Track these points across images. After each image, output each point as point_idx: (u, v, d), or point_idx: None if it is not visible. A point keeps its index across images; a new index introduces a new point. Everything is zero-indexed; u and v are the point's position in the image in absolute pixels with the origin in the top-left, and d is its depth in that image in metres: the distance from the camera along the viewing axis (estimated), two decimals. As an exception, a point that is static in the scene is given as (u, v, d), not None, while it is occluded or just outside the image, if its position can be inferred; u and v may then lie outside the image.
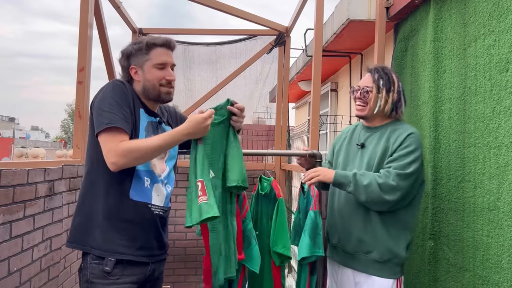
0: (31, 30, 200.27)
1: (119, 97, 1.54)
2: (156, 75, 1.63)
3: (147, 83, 1.64)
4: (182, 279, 3.80)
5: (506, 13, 1.58)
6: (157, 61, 1.63)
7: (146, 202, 1.60)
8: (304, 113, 10.08)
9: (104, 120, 1.50)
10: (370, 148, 1.87)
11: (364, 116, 1.91)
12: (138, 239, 1.59)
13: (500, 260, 1.57)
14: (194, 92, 4.40)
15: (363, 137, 1.93)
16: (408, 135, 1.78)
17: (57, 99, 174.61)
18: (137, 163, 1.54)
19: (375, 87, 1.86)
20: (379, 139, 1.87)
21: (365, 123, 1.97)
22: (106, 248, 1.54)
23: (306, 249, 1.77)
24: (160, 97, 1.66)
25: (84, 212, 1.60)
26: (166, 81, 1.64)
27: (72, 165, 2.34)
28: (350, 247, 1.86)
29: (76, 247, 1.60)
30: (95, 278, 1.54)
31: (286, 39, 3.99)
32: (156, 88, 1.64)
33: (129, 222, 1.58)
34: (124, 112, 1.54)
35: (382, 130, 1.89)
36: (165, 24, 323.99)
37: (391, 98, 1.85)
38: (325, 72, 7.12)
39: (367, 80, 1.90)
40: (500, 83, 1.60)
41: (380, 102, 1.84)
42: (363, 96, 1.88)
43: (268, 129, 6.52)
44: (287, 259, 1.96)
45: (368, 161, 1.84)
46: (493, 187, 1.62)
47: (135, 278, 1.58)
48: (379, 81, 1.86)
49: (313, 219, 1.81)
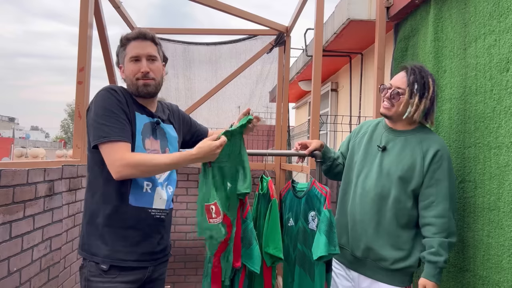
0: (31, 30, 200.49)
1: (113, 106, 1.53)
2: (131, 69, 1.60)
3: (127, 80, 1.63)
4: (182, 279, 3.80)
5: (506, 13, 1.58)
6: (131, 54, 1.60)
7: (146, 207, 1.60)
8: (304, 113, 10.08)
9: (102, 133, 1.49)
10: (393, 154, 1.76)
11: (389, 116, 1.79)
12: (140, 245, 1.59)
13: (500, 260, 1.57)
14: (194, 92, 4.40)
15: (385, 139, 1.81)
16: (436, 152, 1.68)
17: (57, 99, 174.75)
18: (141, 176, 1.56)
19: (408, 91, 1.70)
20: (404, 146, 1.75)
21: (389, 124, 1.84)
22: (109, 255, 1.55)
23: (324, 248, 1.75)
24: (138, 90, 1.61)
25: (87, 220, 1.61)
26: (141, 74, 1.59)
27: (72, 165, 2.33)
28: (359, 252, 1.80)
29: (84, 255, 1.60)
30: (92, 276, 1.55)
31: (286, 39, 3.99)
32: (134, 83, 1.60)
33: (130, 228, 1.58)
34: (121, 120, 1.53)
35: (408, 136, 1.77)
36: (165, 24, 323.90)
37: (422, 105, 1.70)
38: (325, 72, 7.12)
39: (400, 80, 1.74)
40: (500, 83, 1.60)
41: (411, 109, 1.70)
42: (392, 97, 1.74)
43: (268, 129, 6.52)
44: (278, 260, 1.95)
45: (388, 169, 1.74)
46: (494, 187, 1.62)
47: (132, 278, 1.59)
48: (414, 85, 1.70)
49: (328, 217, 1.79)
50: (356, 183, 1.85)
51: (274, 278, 2.02)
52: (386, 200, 1.74)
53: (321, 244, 1.76)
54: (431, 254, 1.63)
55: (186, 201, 3.87)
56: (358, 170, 1.86)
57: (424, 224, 1.69)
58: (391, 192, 1.73)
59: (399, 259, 1.72)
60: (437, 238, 1.64)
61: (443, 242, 1.63)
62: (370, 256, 1.78)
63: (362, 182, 1.82)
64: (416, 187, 1.71)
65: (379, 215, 1.75)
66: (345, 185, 1.93)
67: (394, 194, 1.72)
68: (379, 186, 1.75)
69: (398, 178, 1.71)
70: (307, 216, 1.95)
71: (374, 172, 1.78)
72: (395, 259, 1.72)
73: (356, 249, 1.81)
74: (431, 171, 1.68)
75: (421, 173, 1.69)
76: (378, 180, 1.76)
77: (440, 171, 1.67)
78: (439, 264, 1.62)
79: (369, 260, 1.79)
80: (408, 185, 1.71)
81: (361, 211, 1.79)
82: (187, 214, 3.84)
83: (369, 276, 1.79)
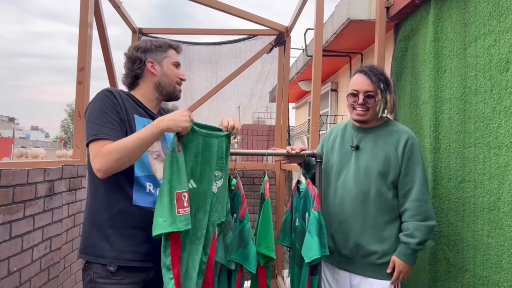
0: (31, 30, 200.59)
1: (107, 107, 1.54)
2: (175, 72, 1.75)
3: (165, 78, 1.72)
4: (182, 279, 3.80)
5: (506, 13, 1.58)
6: (175, 60, 1.76)
7: (150, 207, 1.60)
8: (304, 113, 10.08)
9: (92, 132, 1.50)
10: (367, 151, 1.84)
11: (365, 120, 1.85)
12: (145, 245, 1.59)
13: (500, 260, 1.57)
14: (194, 92, 4.40)
15: (356, 139, 1.89)
16: (406, 141, 1.79)
17: (57, 99, 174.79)
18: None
19: (379, 92, 1.79)
20: (376, 142, 1.84)
21: (358, 124, 1.91)
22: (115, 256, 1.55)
23: (316, 250, 1.76)
24: (174, 93, 1.76)
25: (91, 223, 1.60)
26: (181, 80, 1.77)
27: (72, 165, 2.33)
28: (347, 251, 1.84)
29: (87, 258, 1.59)
30: (99, 278, 1.54)
31: (286, 39, 3.99)
32: (172, 84, 1.74)
33: (134, 228, 1.58)
34: (112, 120, 1.53)
35: (377, 132, 1.86)
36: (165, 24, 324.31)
37: (392, 100, 1.83)
38: (325, 72, 7.12)
39: (366, 84, 1.81)
40: (500, 83, 1.60)
41: (384, 106, 1.80)
42: (365, 102, 1.80)
43: (268, 129, 6.52)
44: (271, 260, 1.96)
45: (366, 165, 1.81)
46: (493, 187, 1.62)
47: (139, 279, 1.59)
48: (380, 84, 1.80)
49: (317, 218, 1.80)
50: (335, 185, 1.90)
51: (269, 278, 2.02)
52: (368, 196, 1.80)
53: (314, 246, 1.76)
54: (405, 236, 1.75)
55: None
56: (336, 172, 1.91)
57: (403, 211, 1.79)
58: (371, 187, 1.80)
59: (387, 252, 1.78)
60: (413, 222, 1.74)
61: (418, 226, 1.73)
62: (359, 253, 1.82)
63: (342, 183, 1.87)
64: (395, 178, 1.80)
65: (364, 212, 1.81)
66: (324, 189, 1.97)
67: (375, 189, 1.79)
68: (359, 184, 1.82)
69: (377, 173, 1.79)
70: (304, 216, 1.96)
71: (352, 171, 1.85)
72: (383, 252, 1.78)
73: (344, 248, 1.85)
74: (405, 160, 1.78)
75: (397, 164, 1.79)
76: (357, 179, 1.83)
77: (413, 158, 1.78)
78: (411, 246, 1.72)
79: (357, 257, 1.83)
80: (387, 178, 1.79)
81: (344, 210, 1.84)
82: (187, 214, 3.84)
83: (359, 273, 1.84)
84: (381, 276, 1.80)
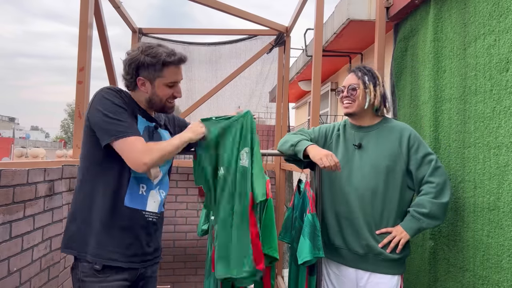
0: (31, 30, 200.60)
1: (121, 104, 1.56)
2: (166, 92, 1.66)
3: (155, 98, 1.66)
4: (182, 279, 3.81)
5: (506, 13, 1.58)
6: (170, 80, 1.65)
7: (140, 209, 1.61)
8: (304, 113, 10.08)
9: (119, 128, 1.50)
10: (371, 148, 1.85)
11: (352, 112, 1.90)
12: (132, 247, 1.61)
13: (500, 260, 1.57)
14: (194, 92, 4.40)
15: (358, 137, 1.91)
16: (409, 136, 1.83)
17: (57, 99, 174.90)
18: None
19: (361, 83, 1.87)
20: (378, 138, 1.86)
21: (355, 122, 1.94)
22: (99, 254, 1.56)
23: (308, 253, 1.77)
24: (164, 110, 1.72)
25: (80, 219, 1.60)
26: (173, 97, 1.69)
27: (72, 165, 2.33)
28: (361, 248, 1.84)
29: (71, 253, 1.60)
30: (86, 277, 1.56)
31: (286, 39, 3.99)
32: (163, 102, 1.68)
33: (123, 229, 1.59)
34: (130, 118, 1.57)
35: (377, 129, 1.89)
36: (165, 24, 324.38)
37: (378, 92, 1.87)
38: (325, 72, 7.13)
39: (351, 78, 1.91)
40: (500, 83, 1.60)
41: (370, 97, 1.85)
42: (350, 94, 1.89)
43: (268, 129, 6.53)
44: (275, 260, 1.96)
45: (371, 163, 1.83)
46: (493, 187, 1.62)
47: (126, 276, 1.60)
48: (364, 77, 1.88)
49: (311, 221, 1.81)
50: (341, 184, 1.90)
51: (273, 278, 2.02)
52: (376, 193, 1.81)
53: (305, 248, 1.77)
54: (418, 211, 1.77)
55: (186, 201, 3.88)
56: (342, 170, 1.90)
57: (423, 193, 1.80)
58: (379, 184, 1.81)
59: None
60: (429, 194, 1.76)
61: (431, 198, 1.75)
62: (372, 251, 1.82)
63: (347, 181, 1.87)
64: (403, 173, 1.82)
65: (373, 209, 1.81)
66: (330, 187, 1.96)
67: (383, 184, 1.80)
68: (366, 181, 1.82)
69: (385, 167, 1.81)
70: (302, 216, 1.96)
71: (358, 170, 1.85)
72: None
73: (357, 246, 1.84)
74: (412, 152, 1.81)
75: (402, 157, 1.82)
76: (363, 176, 1.83)
77: (420, 148, 1.81)
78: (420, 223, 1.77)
79: (371, 254, 1.83)
80: (394, 173, 1.81)
81: (353, 209, 1.84)
82: (187, 214, 3.85)
83: (371, 270, 1.83)
84: (392, 272, 1.81)
